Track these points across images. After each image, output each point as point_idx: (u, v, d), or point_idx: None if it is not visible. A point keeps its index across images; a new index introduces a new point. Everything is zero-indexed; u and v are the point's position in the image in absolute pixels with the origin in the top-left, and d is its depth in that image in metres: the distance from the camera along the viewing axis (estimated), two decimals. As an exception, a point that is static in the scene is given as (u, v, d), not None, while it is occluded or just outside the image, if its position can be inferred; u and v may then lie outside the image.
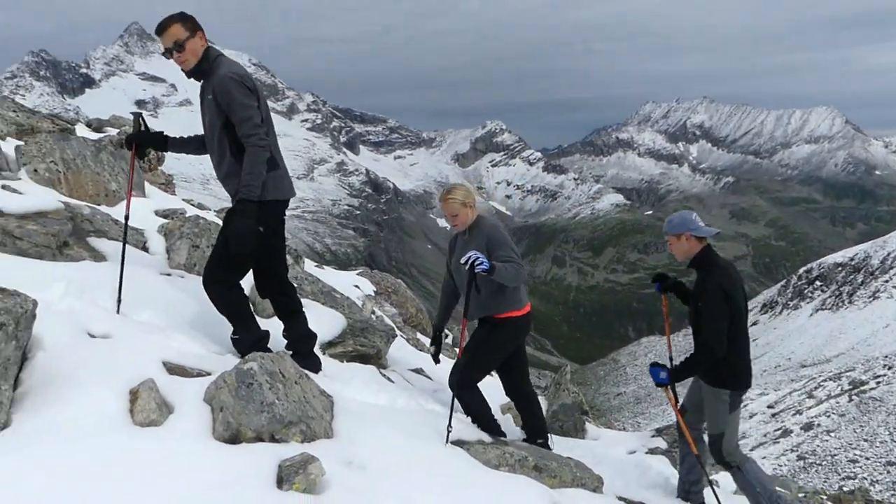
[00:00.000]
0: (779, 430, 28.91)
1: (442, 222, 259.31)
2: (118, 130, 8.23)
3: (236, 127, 4.01)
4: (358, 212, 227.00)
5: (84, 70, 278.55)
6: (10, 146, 5.80)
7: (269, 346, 4.42)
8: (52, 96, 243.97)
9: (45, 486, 2.39)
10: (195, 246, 5.36)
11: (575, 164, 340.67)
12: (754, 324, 60.71)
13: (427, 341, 8.87)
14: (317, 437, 3.39)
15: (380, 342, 5.84)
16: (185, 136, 4.70)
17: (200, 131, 4.45)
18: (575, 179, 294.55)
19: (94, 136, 7.53)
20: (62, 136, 6.06)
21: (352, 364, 5.41)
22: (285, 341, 4.64)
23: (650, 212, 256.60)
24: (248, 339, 4.35)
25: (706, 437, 4.91)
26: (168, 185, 8.43)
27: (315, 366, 4.66)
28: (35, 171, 5.55)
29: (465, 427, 4.60)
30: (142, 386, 3.12)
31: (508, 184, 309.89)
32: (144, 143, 4.51)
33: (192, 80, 4.11)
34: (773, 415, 32.28)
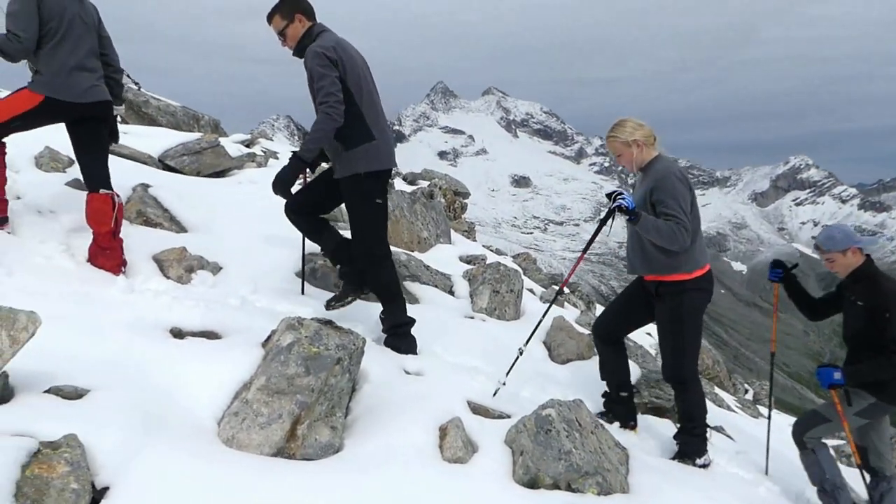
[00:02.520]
0: None
1: (737, 265, 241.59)
2: (428, 182, 9.10)
3: (315, 96, 4.09)
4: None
5: (397, 127, 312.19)
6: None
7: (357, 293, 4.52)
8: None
9: (371, 508, 2.67)
10: (496, 291, 5.68)
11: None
12: None
13: (726, 396, 8.28)
14: (612, 490, 3.33)
15: (676, 395, 5.58)
16: None
17: (497, 176, 4.71)
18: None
19: (409, 188, 8.42)
20: (384, 190, 6.87)
21: (646, 416, 5.24)
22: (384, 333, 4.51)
23: None
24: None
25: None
26: (470, 231, 9.06)
27: (411, 345, 4.47)
28: (363, 221, 6.33)
29: (777, 498, 4.19)
30: (450, 423, 3.34)
31: (815, 224, 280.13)
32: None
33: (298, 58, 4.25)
34: None
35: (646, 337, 8.37)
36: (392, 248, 6.12)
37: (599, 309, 8.92)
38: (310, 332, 3.24)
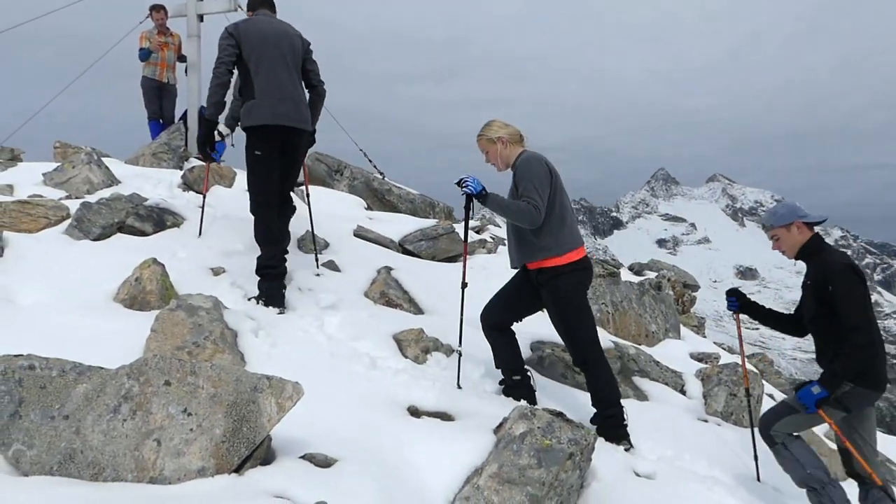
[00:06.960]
0: None
1: None
2: (656, 273, 8.85)
3: None
4: (893, 362, 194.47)
5: (614, 213, 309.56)
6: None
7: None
8: (587, 237, 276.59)
9: None
10: (733, 394, 5.29)
11: None
12: None
13: None
14: None
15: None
16: None
17: (720, 267, 4.59)
18: None
19: (636, 279, 8.21)
20: (612, 280, 6.79)
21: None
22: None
23: None
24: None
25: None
26: (700, 327, 8.60)
27: (276, 294, 4.94)
28: (590, 312, 6.28)
29: None
30: (687, 537, 3.12)
31: None
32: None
33: None
34: None
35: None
36: (620, 340, 5.99)
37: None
38: (542, 424, 3.23)
